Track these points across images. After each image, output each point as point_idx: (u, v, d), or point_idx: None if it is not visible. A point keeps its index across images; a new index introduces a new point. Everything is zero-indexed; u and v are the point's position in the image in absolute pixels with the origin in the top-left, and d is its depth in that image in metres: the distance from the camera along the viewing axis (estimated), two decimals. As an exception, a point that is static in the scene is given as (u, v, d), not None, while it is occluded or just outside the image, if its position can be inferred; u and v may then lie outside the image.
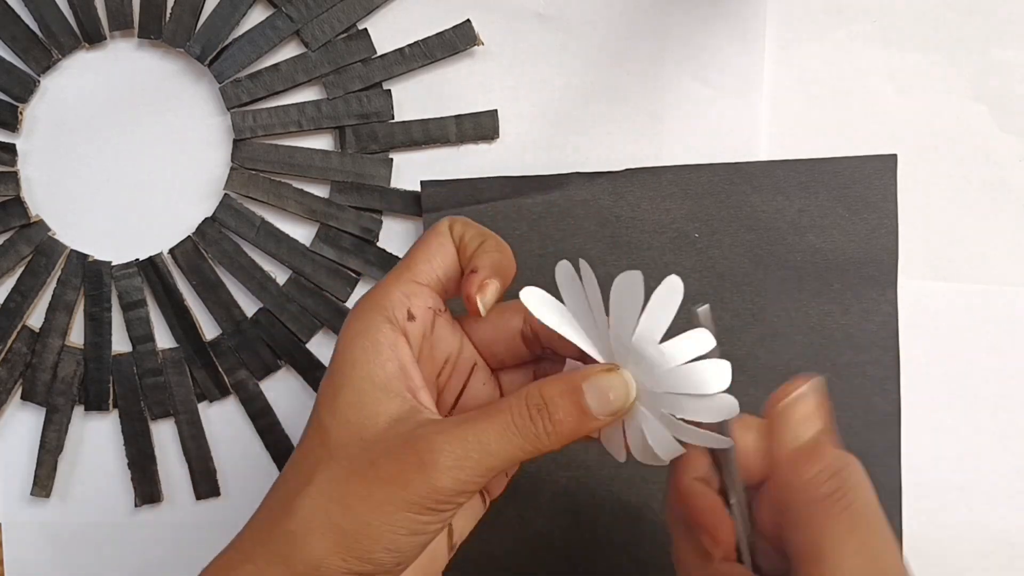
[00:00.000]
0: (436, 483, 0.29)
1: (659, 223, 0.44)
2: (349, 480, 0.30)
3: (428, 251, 0.33)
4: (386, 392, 0.31)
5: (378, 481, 0.30)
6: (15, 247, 0.45)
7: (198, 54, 0.44)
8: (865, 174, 0.43)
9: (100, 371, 0.45)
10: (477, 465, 0.30)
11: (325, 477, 0.30)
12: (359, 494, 0.30)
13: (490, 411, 0.31)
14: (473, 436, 0.30)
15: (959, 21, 0.44)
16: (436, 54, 0.44)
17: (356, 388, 0.31)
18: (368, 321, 0.32)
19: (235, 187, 0.45)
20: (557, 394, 0.30)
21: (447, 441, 0.30)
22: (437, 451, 0.30)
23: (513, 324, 0.35)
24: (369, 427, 0.31)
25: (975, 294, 0.44)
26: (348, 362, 0.32)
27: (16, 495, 0.46)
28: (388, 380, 0.31)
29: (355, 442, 0.31)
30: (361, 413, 0.31)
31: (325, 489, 0.30)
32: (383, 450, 0.30)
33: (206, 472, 0.45)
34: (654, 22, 0.44)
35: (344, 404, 0.31)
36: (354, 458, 0.30)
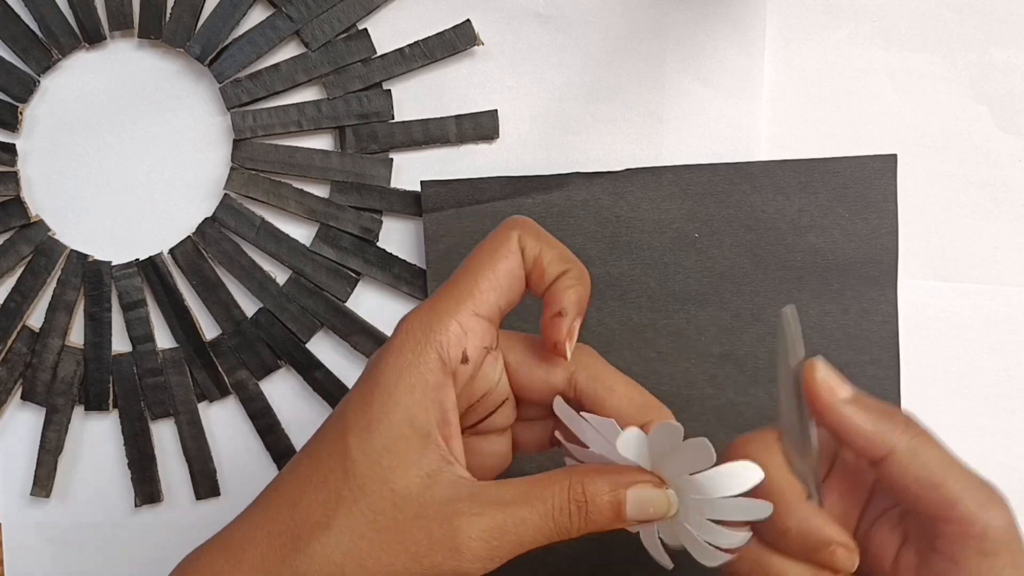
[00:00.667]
0: (463, 570, 0.29)
1: (659, 223, 0.44)
2: (372, 539, 0.29)
3: (496, 276, 0.31)
4: (424, 440, 0.30)
5: (402, 552, 0.29)
6: (15, 247, 0.45)
7: (198, 54, 0.44)
8: (865, 174, 0.43)
9: (100, 371, 0.45)
10: (506, 555, 0.29)
11: (347, 525, 0.29)
12: (378, 558, 0.29)
13: (530, 498, 0.29)
14: (512, 526, 0.29)
15: (959, 21, 0.44)
16: (436, 54, 0.44)
17: (394, 430, 0.29)
18: (419, 354, 0.30)
19: (235, 187, 0.45)
20: (600, 494, 0.30)
21: (485, 530, 0.29)
22: (474, 539, 0.29)
23: (556, 379, 0.33)
24: (400, 479, 0.29)
25: (975, 294, 0.44)
26: (391, 396, 0.30)
27: (16, 495, 0.46)
28: (428, 426, 0.30)
29: (384, 493, 0.29)
30: (395, 459, 0.29)
31: (344, 540, 0.29)
32: (413, 514, 0.29)
33: (206, 472, 0.45)
34: (654, 22, 0.44)
35: (379, 444, 0.29)
36: (381, 512, 0.29)
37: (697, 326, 0.44)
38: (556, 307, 0.31)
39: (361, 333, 0.45)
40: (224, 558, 0.30)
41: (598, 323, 0.44)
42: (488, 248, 0.32)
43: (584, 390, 0.33)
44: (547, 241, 0.32)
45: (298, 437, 0.45)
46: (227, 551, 0.30)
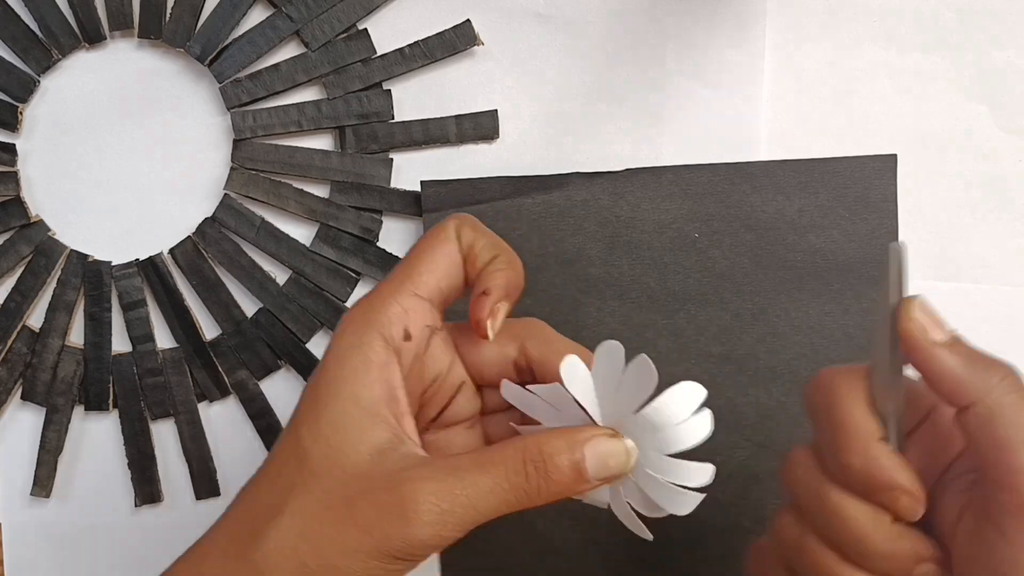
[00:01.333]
0: (415, 537, 0.28)
1: (659, 223, 0.44)
2: (323, 517, 0.29)
3: (433, 260, 0.32)
4: (372, 417, 0.30)
5: (353, 525, 0.28)
6: (15, 247, 0.45)
7: (198, 54, 0.44)
8: (865, 174, 0.43)
9: (100, 371, 0.45)
10: (461, 521, 0.28)
11: (298, 508, 0.29)
12: (331, 536, 0.29)
13: (482, 462, 0.29)
14: (461, 490, 0.28)
15: (959, 21, 0.44)
16: (436, 54, 0.44)
17: (341, 409, 0.30)
18: (361, 335, 0.30)
19: (235, 187, 0.45)
20: (557, 452, 0.29)
21: (433, 493, 0.28)
22: (421, 502, 0.28)
23: (508, 351, 0.33)
24: (350, 456, 0.29)
25: (975, 294, 0.44)
26: (336, 379, 0.30)
27: (16, 495, 0.46)
28: (375, 404, 0.30)
29: (334, 471, 0.29)
30: (344, 438, 0.29)
31: (297, 523, 0.29)
32: (363, 488, 0.29)
33: (206, 472, 0.45)
34: (654, 22, 0.44)
35: (327, 425, 0.30)
36: (331, 491, 0.29)
37: (697, 326, 0.44)
38: (481, 287, 0.32)
39: (361, 333, 0.45)
40: (187, 568, 0.31)
41: (598, 323, 0.44)
42: (427, 237, 0.33)
43: (536, 359, 0.33)
44: (482, 231, 0.33)
45: (298, 437, 0.45)
46: (189, 561, 0.31)
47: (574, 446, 0.29)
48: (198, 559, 0.31)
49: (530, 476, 0.29)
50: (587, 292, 0.44)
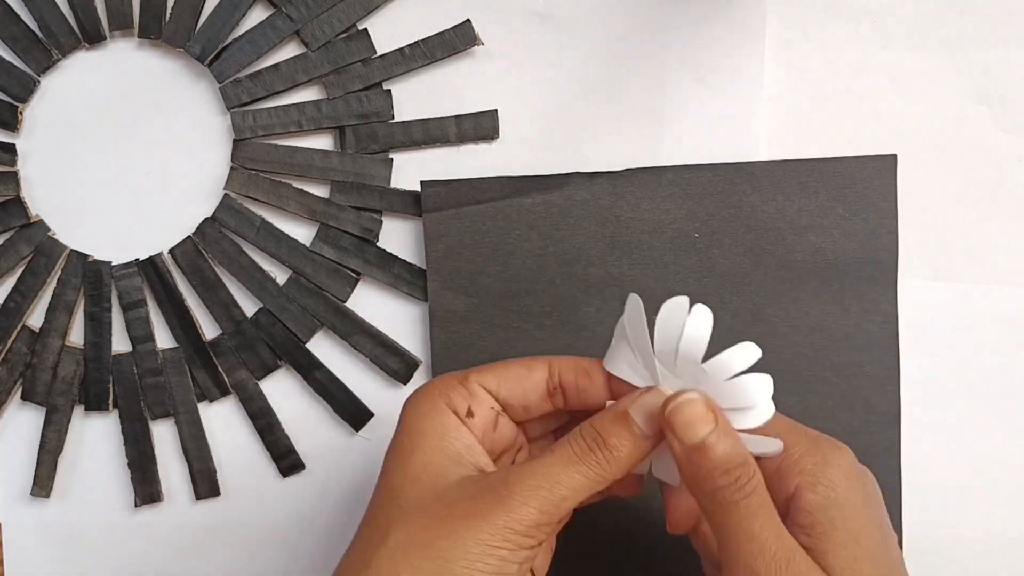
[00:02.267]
0: (513, 512, 0.30)
1: (659, 223, 0.44)
2: (427, 526, 0.31)
3: (505, 371, 0.35)
4: (456, 463, 0.32)
5: (457, 519, 0.30)
6: (15, 247, 0.45)
7: (198, 54, 0.44)
8: (865, 174, 0.43)
9: (100, 371, 0.45)
10: (550, 494, 0.31)
11: (402, 529, 0.31)
12: (439, 534, 0.30)
13: (553, 448, 0.32)
14: (542, 470, 0.31)
15: (959, 21, 0.44)
16: (436, 54, 0.44)
17: (427, 455, 0.33)
18: (433, 403, 0.34)
19: (235, 187, 0.45)
20: (608, 422, 0.32)
21: (520, 476, 0.31)
22: (512, 484, 0.31)
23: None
24: (442, 484, 0.32)
25: (975, 294, 0.44)
26: (418, 432, 0.33)
27: (16, 495, 0.46)
28: (458, 454, 0.33)
29: (429, 496, 0.32)
30: (433, 474, 0.32)
31: (403, 539, 0.31)
32: (459, 496, 0.31)
33: (206, 472, 0.45)
34: (654, 22, 0.44)
35: (416, 467, 0.32)
36: (429, 508, 0.31)
37: (697, 326, 0.44)
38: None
39: (361, 333, 0.45)
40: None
41: (598, 323, 0.44)
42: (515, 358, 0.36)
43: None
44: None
45: (298, 437, 0.45)
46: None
47: (619, 409, 0.32)
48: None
49: (592, 448, 0.32)
50: (587, 292, 0.44)
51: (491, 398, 0.35)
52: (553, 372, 0.35)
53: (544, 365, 0.35)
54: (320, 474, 0.45)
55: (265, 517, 0.46)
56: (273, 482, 0.46)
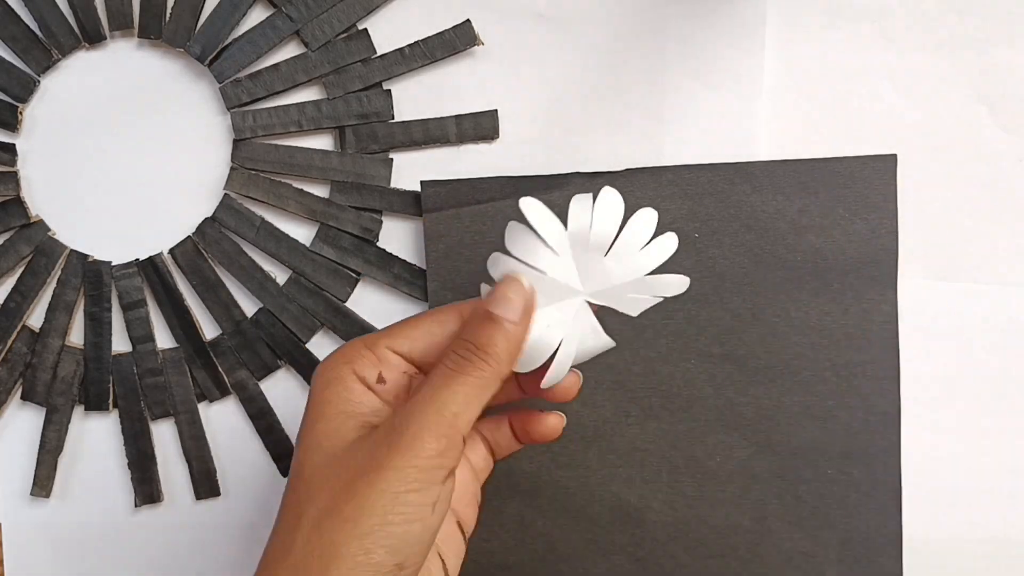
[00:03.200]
0: (409, 450, 0.30)
1: (659, 223, 0.44)
2: (333, 494, 0.30)
3: (415, 329, 0.34)
4: (358, 425, 0.32)
5: (357, 477, 0.30)
6: (15, 247, 0.45)
7: (198, 54, 0.44)
8: (865, 174, 0.43)
9: (100, 371, 0.45)
10: (439, 417, 0.30)
11: (311, 504, 0.30)
12: (343, 499, 0.30)
13: (433, 374, 0.32)
14: (424, 397, 0.31)
15: (959, 21, 0.44)
16: (436, 54, 0.44)
17: (329, 422, 0.32)
18: (338, 372, 0.33)
19: (235, 187, 0.45)
20: (471, 325, 0.32)
21: (404, 413, 0.31)
22: (399, 424, 0.30)
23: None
24: (341, 447, 0.31)
25: (975, 294, 0.44)
26: (322, 402, 0.32)
27: (16, 495, 0.46)
28: (360, 417, 0.32)
29: (331, 463, 0.31)
30: (334, 439, 0.31)
31: (314, 515, 0.30)
32: (356, 454, 0.31)
33: (206, 472, 0.45)
34: (654, 22, 0.44)
35: (319, 436, 0.32)
36: (331, 476, 0.30)
37: (697, 326, 0.44)
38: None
39: (361, 333, 0.45)
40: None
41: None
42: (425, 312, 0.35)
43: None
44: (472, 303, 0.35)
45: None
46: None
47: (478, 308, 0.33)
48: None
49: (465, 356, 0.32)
50: (587, 292, 0.44)
51: (403, 361, 0.34)
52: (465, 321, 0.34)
53: (455, 315, 0.34)
54: (320, 474, 0.45)
55: (265, 517, 0.46)
56: (273, 482, 0.46)
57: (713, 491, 0.44)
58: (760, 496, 0.43)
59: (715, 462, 0.44)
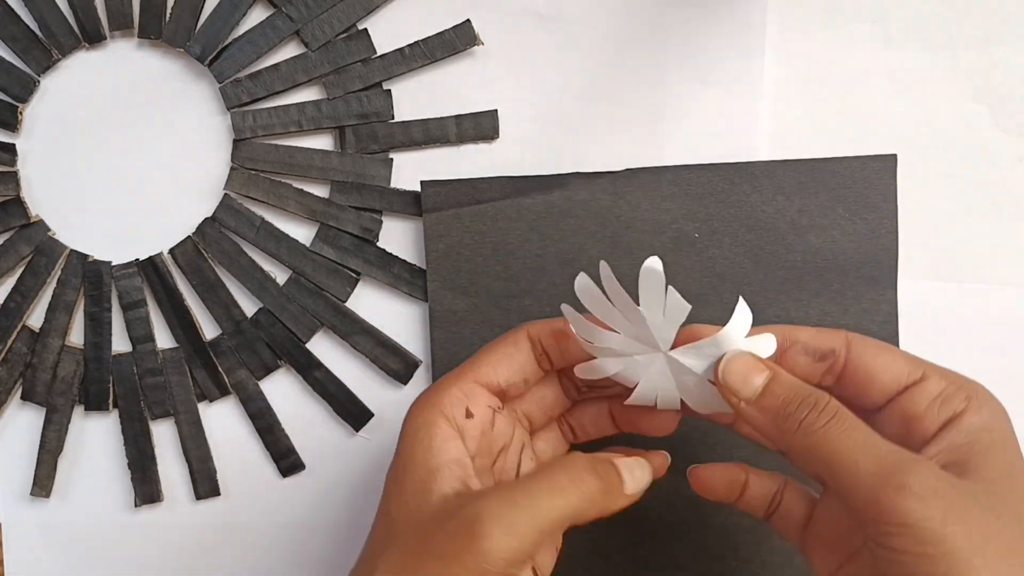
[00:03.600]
0: (487, 552, 0.29)
1: (659, 223, 0.44)
2: (405, 561, 0.30)
3: (494, 354, 0.35)
4: (441, 476, 0.32)
5: (430, 557, 0.30)
6: (15, 247, 0.45)
7: (198, 54, 0.44)
8: (865, 174, 0.43)
9: (100, 371, 0.45)
10: (528, 528, 0.30)
11: (387, 559, 0.31)
12: (411, 567, 0.30)
13: (538, 472, 0.32)
14: (523, 498, 0.30)
15: (959, 21, 0.44)
16: (436, 54, 0.44)
17: (414, 476, 0.32)
18: (425, 417, 0.33)
19: (235, 187, 0.45)
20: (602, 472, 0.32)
21: (495, 506, 0.30)
22: (485, 518, 0.29)
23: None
24: (425, 509, 0.31)
25: (975, 294, 0.44)
26: (408, 455, 0.33)
27: (16, 495, 0.46)
28: (442, 466, 0.32)
29: (412, 524, 0.31)
30: (419, 497, 0.32)
31: (387, 567, 0.31)
32: (436, 525, 0.30)
33: (206, 472, 0.45)
34: (654, 22, 0.44)
35: (406, 491, 0.32)
36: (409, 539, 0.31)
37: (697, 326, 0.44)
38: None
39: (361, 333, 0.45)
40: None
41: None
42: (497, 340, 0.36)
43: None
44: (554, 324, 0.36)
45: (298, 437, 0.45)
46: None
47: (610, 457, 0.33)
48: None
49: (588, 472, 0.32)
50: (587, 292, 0.44)
51: (489, 395, 0.35)
52: (534, 340, 0.35)
53: (524, 336, 0.35)
54: (320, 474, 0.45)
55: (265, 517, 0.46)
56: (273, 482, 0.46)
57: (713, 491, 0.44)
58: (760, 496, 0.43)
59: (715, 462, 0.44)
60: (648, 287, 0.32)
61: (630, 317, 0.33)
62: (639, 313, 0.33)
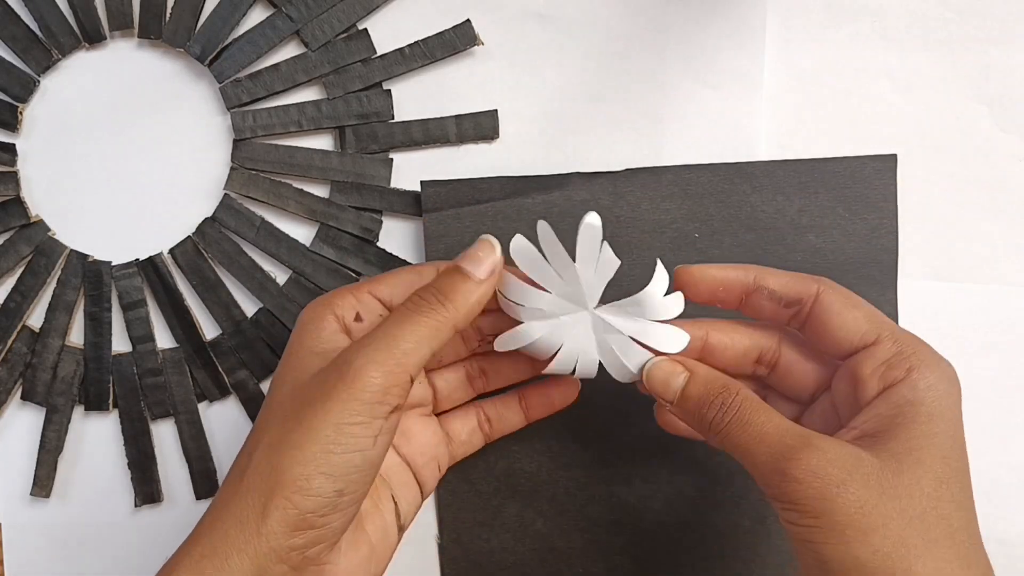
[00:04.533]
0: (356, 382, 0.31)
1: (659, 223, 0.44)
2: (286, 422, 0.32)
3: (396, 277, 0.36)
4: (321, 358, 0.33)
5: (307, 406, 0.31)
6: (15, 247, 0.45)
7: (198, 54, 0.44)
8: (865, 174, 0.43)
9: (100, 371, 0.45)
10: (389, 354, 0.32)
11: (267, 431, 0.32)
12: (293, 427, 0.31)
13: (394, 312, 0.34)
14: (379, 332, 0.32)
15: (959, 21, 0.44)
16: (436, 54, 0.44)
17: (298, 357, 0.34)
18: (316, 312, 0.35)
19: (235, 187, 0.45)
20: (439, 276, 0.35)
21: (358, 345, 0.32)
22: (353, 360, 0.32)
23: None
24: (302, 379, 0.33)
25: (975, 294, 0.44)
26: (296, 342, 0.34)
27: (16, 495, 0.46)
28: (327, 352, 0.33)
29: (292, 394, 0.33)
30: (298, 372, 0.33)
31: (267, 441, 0.32)
32: (311, 385, 0.32)
33: (206, 472, 0.45)
34: (654, 22, 0.44)
35: (289, 370, 0.34)
36: (288, 405, 0.32)
37: (697, 326, 0.44)
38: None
39: (361, 333, 0.45)
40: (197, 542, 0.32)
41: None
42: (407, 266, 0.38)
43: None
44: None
45: (298, 437, 0.45)
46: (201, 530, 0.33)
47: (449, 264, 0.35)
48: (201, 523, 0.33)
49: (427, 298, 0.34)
50: (587, 292, 0.44)
51: (380, 305, 0.36)
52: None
53: (433, 270, 0.36)
54: (320, 474, 0.45)
55: (265, 517, 0.46)
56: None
57: (713, 491, 0.44)
58: (760, 496, 0.43)
59: (715, 462, 0.44)
60: (585, 241, 0.34)
61: (564, 275, 0.35)
62: (573, 269, 0.34)
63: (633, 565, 0.44)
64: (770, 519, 0.44)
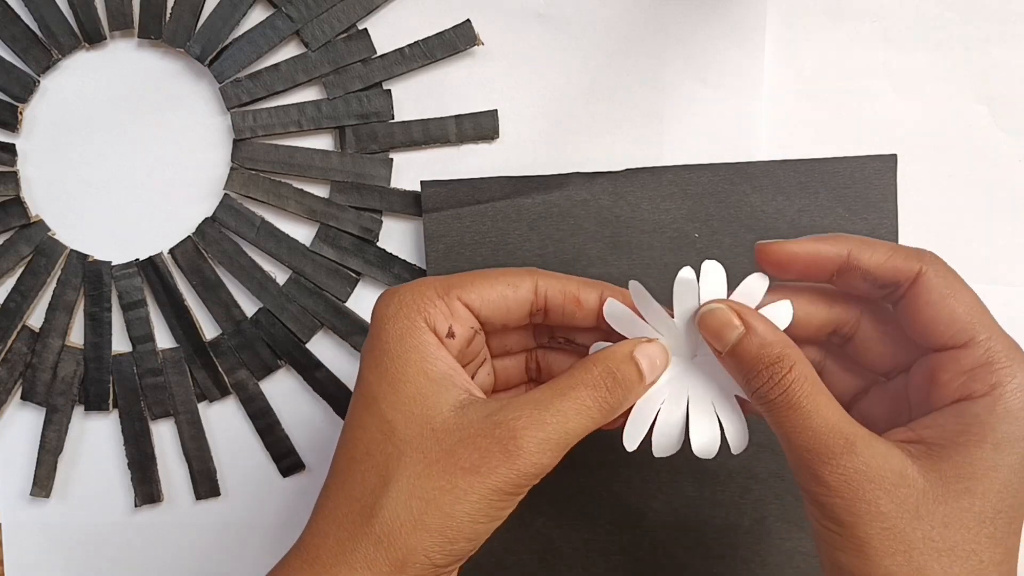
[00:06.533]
0: (521, 468, 0.30)
1: (659, 223, 0.44)
2: (429, 474, 0.30)
3: (488, 289, 0.34)
4: (443, 386, 0.32)
5: (459, 471, 0.30)
6: (15, 247, 0.45)
7: (198, 54, 0.44)
8: (865, 174, 0.43)
9: (100, 371, 0.45)
10: (556, 445, 0.31)
11: (403, 474, 0.30)
12: (441, 487, 0.30)
13: (563, 389, 0.32)
14: (552, 418, 0.31)
15: (959, 21, 0.44)
16: (436, 54, 0.44)
17: (414, 382, 0.32)
18: (411, 322, 0.32)
19: (235, 187, 0.45)
20: (621, 361, 0.32)
21: (527, 427, 0.30)
22: (520, 438, 0.30)
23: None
24: (436, 418, 0.31)
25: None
26: (401, 357, 0.32)
27: (16, 495, 0.46)
28: (442, 377, 0.32)
29: (425, 433, 0.31)
30: (424, 405, 0.31)
31: (405, 487, 0.30)
32: (459, 439, 0.31)
33: (206, 472, 0.45)
34: (654, 22, 0.44)
35: (406, 398, 0.31)
36: (428, 450, 0.31)
37: (697, 326, 0.44)
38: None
39: (361, 333, 0.45)
40: (301, 561, 0.31)
41: (598, 323, 0.44)
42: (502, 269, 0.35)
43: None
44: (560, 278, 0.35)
45: (298, 437, 0.45)
46: (301, 552, 0.31)
47: (626, 351, 0.33)
48: (311, 549, 0.31)
49: (610, 388, 0.32)
50: (587, 292, 0.44)
51: (472, 317, 0.34)
52: (539, 293, 0.34)
53: (530, 283, 0.34)
54: (320, 474, 0.45)
55: (265, 517, 0.46)
56: (273, 482, 0.46)
57: (713, 491, 0.44)
58: (760, 496, 0.43)
59: (715, 462, 0.44)
60: (681, 295, 0.33)
61: (662, 330, 0.34)
62: (672, 324, 0.33)
63: (633, 565, 0.44)
64: (770, 519, 0.44)
